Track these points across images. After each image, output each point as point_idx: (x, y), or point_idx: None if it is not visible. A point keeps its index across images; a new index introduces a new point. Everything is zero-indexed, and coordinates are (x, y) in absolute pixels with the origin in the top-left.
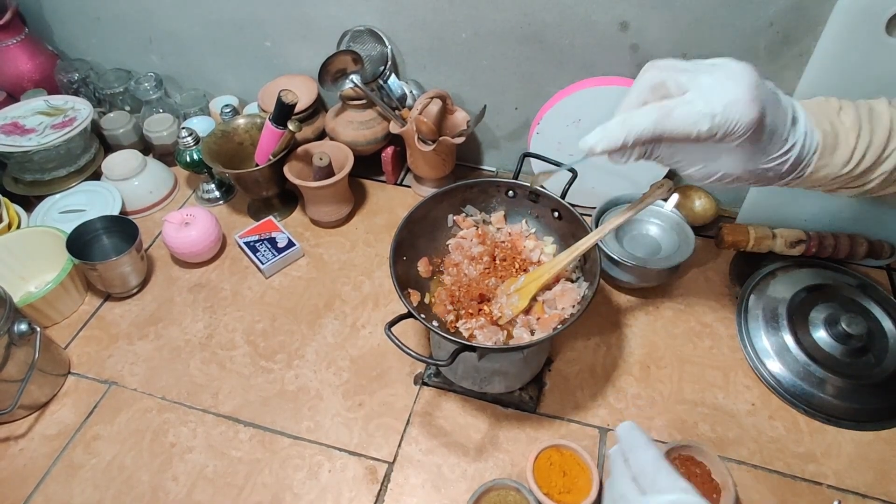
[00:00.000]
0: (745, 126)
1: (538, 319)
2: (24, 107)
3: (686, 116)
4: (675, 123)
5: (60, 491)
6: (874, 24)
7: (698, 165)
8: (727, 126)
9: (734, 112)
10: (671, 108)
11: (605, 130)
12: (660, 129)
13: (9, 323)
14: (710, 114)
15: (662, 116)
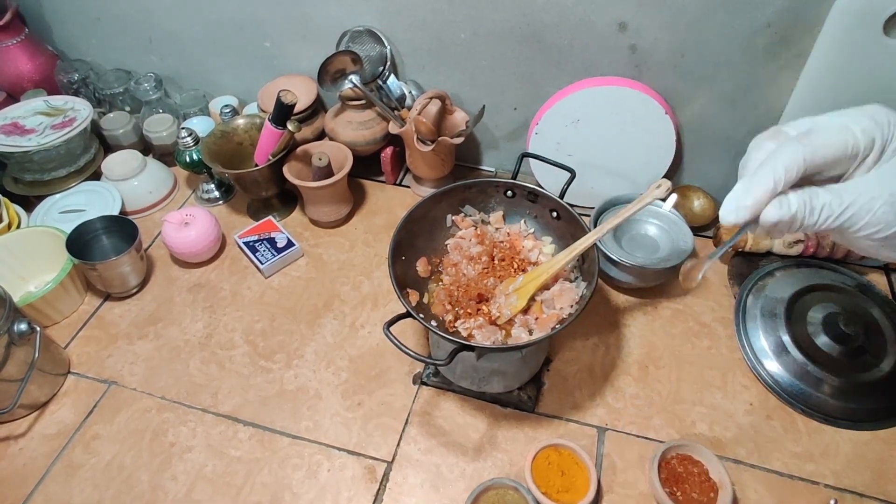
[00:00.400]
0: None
1: (536, 319)
2: (24, 107)
3: (829, 132)
4: (822, 139)
5: (60, 490)
6: (871, 25)
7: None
8: (881, 124)
9: (878, 112)
10: (809, 130)
11: (746, 186)
12: (810, 156)
13: (9, 322)
14: (853, 121)
15: (805, 138)
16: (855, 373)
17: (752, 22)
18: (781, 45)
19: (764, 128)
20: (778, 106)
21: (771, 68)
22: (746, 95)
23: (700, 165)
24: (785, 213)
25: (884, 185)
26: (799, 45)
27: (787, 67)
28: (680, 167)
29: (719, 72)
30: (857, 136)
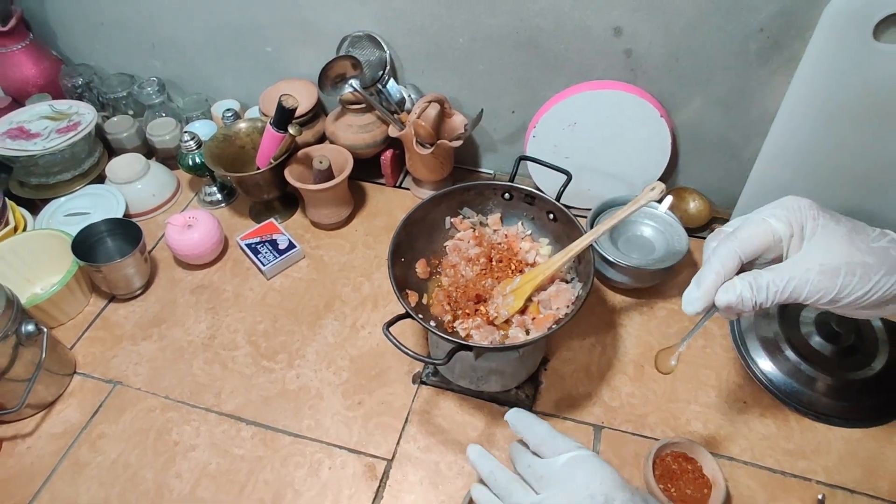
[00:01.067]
0: None
1: (533, 319)
2: (30, 111)
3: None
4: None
5: (67, 488)
6: (862, 30)
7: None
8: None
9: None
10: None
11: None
12: (740, 247)
13: (16, 324)
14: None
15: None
16: (847, 371)
17: (744, 27)
18: (774, 50)
19: (758, 130)
20: (771, 109)
21: (764, 72)
22: (740, 99)
23: (695, 167)
24: (732, 294)
25: (812, 258)
26: (791, 50)
27: (779, 71)
28: (675, 169)
29: (713, 76)
30: (773, 224)
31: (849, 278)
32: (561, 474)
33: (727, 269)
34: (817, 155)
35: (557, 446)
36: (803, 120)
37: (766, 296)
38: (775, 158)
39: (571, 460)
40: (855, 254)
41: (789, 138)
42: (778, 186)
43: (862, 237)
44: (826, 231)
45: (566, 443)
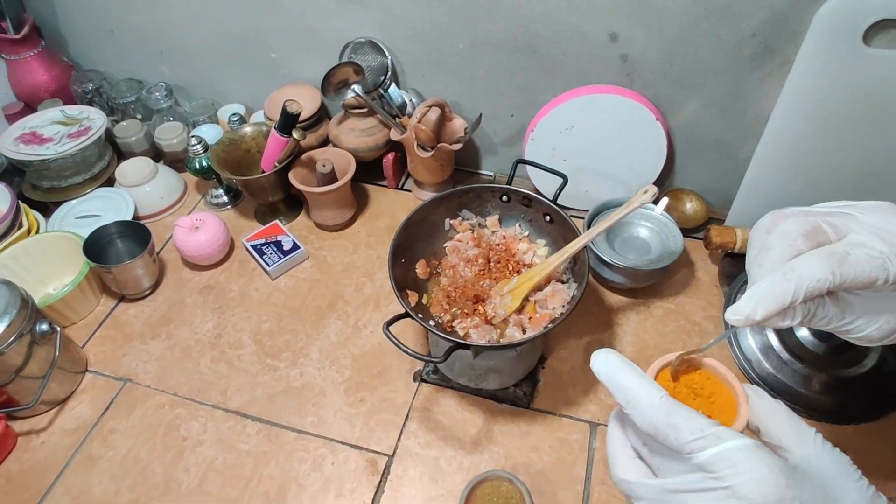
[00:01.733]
0: None
1: (530, 319)
2: (42, 117)
3: (868, 259)
4: (856, 269)
5: (80, 481)
6: (852, 35)
7: (879, 322)
8: None
9: None
10: (845, 252)
11: (765, 291)
12: (839, 277)
13: (31, 323)
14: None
15: (838, 262)
16: (839, 369)
17: (737, 32)
18: (766, 54)
19: (752, 132)
20: (765, 111)
21: (757, 76)
22: (734, 102)
23: (691, 169)
24: (787, 322)
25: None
26: (783, 54)
27: (772, 75)
28: (672, 171)
29: (708, 80)
30: (891, 269)
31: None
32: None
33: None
34: (810, 156)
35: (681, 433)
36: (796, 122)
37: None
38: (770, 159)
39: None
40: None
41: (783, 140)
42: (773, 187)
43: None
44: None
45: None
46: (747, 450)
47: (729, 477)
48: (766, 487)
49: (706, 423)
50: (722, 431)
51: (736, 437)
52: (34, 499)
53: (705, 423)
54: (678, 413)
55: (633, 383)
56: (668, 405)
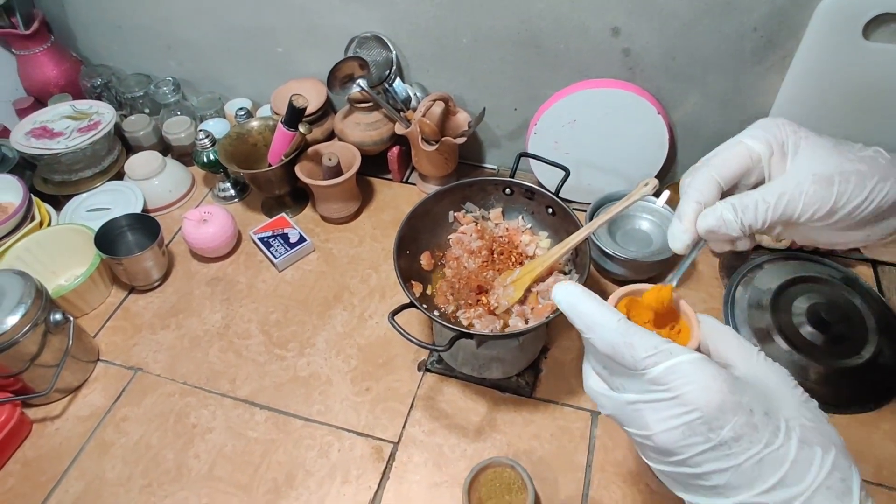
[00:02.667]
0: None
1: (532, 309)
2: (52, 111)
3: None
4: (721, 159)
5: (94, 466)
6: (852, 29)
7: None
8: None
9: (763, 121)
10: (710, 156)
11: (676, 216)
12: (717, 172)
13: (45, 313)
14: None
15: (710, 166)
16: (836, 360)
17: (739, 26)
18: (767, 48)
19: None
20: (765, 105)
21: (758, 70)
22: (735, 95)
23: (693, 162)
24: (712, 218)
25: (802, 170)
26: (784, 48)
27: (773, 69)
28: (673, 164)
29: (709, 74)
30: (750, 144)
31: (844, 186)
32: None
33: (706, 196)
34: None
35: (636, 350)
36: (797, 115)
37: (755, 215)
38: None
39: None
40: (845, 162)
41: None
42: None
43: (848, 147)
44: (811, 142)
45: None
46: (695, 362)
47: (678, 387)
48: (710, 394)
49: (659, 341)
50: (673, 348)
51: (685, 353)
52: (50, 483)
53: (658, 341)
54: (634, 333)
55: (592, 309)
56: (624, 327)
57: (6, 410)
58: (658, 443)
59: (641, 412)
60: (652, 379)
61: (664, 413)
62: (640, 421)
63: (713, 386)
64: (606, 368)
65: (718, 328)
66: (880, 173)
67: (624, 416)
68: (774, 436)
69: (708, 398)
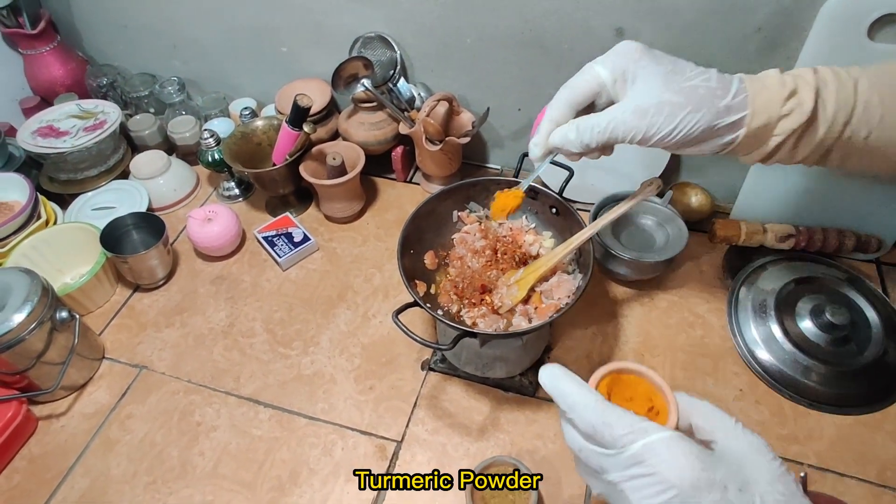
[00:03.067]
0: None
1: (536, 309)
2: (58, 110)
3: (580, 74)
4: (574, 82)
5: (98, 463)
6: (856, 29)
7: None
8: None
9: (623, 45)
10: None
11: (536, 131)
12: (569, 94)
13: (51, 310)
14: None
15: (563, 87)
16: (840, 360)
17: (743, 26)
18: (772, 49)
19: None
20: None
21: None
22: None
23: (696, 163)
24: (558, 136)
25: (630, 100)
26: (788, 49)
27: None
28: (677, 165)
29: None
30: (598, 70)
31: (657, 118)
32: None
33: (559, 114)
34: None
35: (614, 429)
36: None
37: (591, 136)
38: None
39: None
40: (665, 94)
41: None
42: (776, 179)
43: (679, 77)
44: (645, 73)
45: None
46: (667, 440)
47: (654, 465)
48: (683, 471)
49: (635, 420)
50: (649, 426)
51: (660, 430)
52: (55, 480)
53: (634, 420)
54: (611, 413)
55: (572, 390)
56: (602, 407)
57: (12, 407)
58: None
59: (624, 492)
60: (630, 456)
61: (644, 491)
62: (625, 501)
63: (685, 463)
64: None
65: (696, 403)
66: (694, 104)
67: (611, 496)
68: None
69: (681, 476)
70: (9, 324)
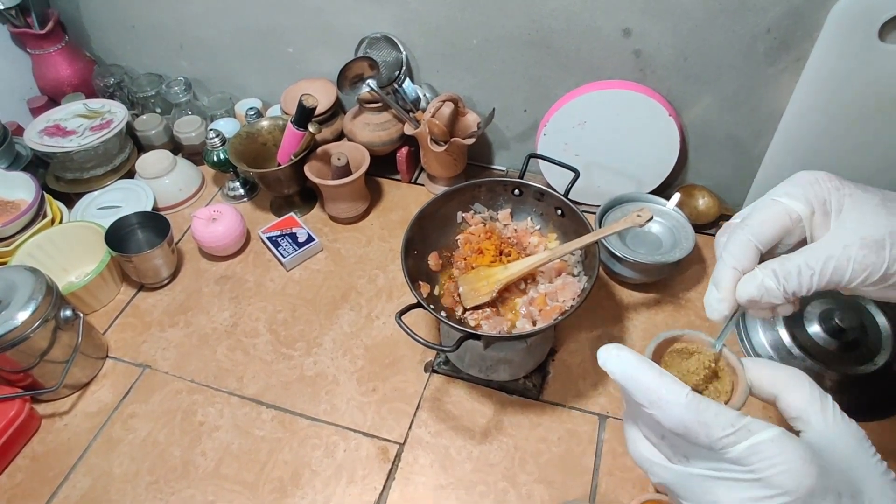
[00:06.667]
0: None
1: (540, 311)
2: (65, 110)
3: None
4: (759, 219)
5: (101, 462)
6: (867, 30)
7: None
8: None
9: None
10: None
11: (713, 283)
12: (754, 235)
13: (56, 309)
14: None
15: (745, 226)
16: (850, 366)
17: (752, 27)
18: (781, 50)
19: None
20: (779, 107)
21: (772, 71)
22: (748, 97)
23: (704, 165)
24: (752, 286)
25: (849, 233)
26: (798, 50)
27: (787, 71)
28: (685, 167)
29: (722, 75)
30: (788, 204)
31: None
32: None
33: (744, 262)
34: (825, 152)
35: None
36: (811, 118)
37: (800, 282)
38: (783, 156)
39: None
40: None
41: (797, 136)
42: None
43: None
44: (856, 200)
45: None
46: (779, 441)
47: (762, 469)
48: (801, 479)
49: (735, 417)
50: (752, 424)
51: (766, 429)
52: (57, 478)
53: (734, 417)
54: (706, 410)
55: (655, 383)
56: (696, 403)
57: (16, 406)
58: None
59: (711, 489)
60: (731, 459)
61: (742, 493)
62: (709, 496)
63: (804, 471)
64: (665, 439)
65: (788, 373)
66: None
67: (685, 489)
68: None
69: (798, 483)
70: (13, 322)
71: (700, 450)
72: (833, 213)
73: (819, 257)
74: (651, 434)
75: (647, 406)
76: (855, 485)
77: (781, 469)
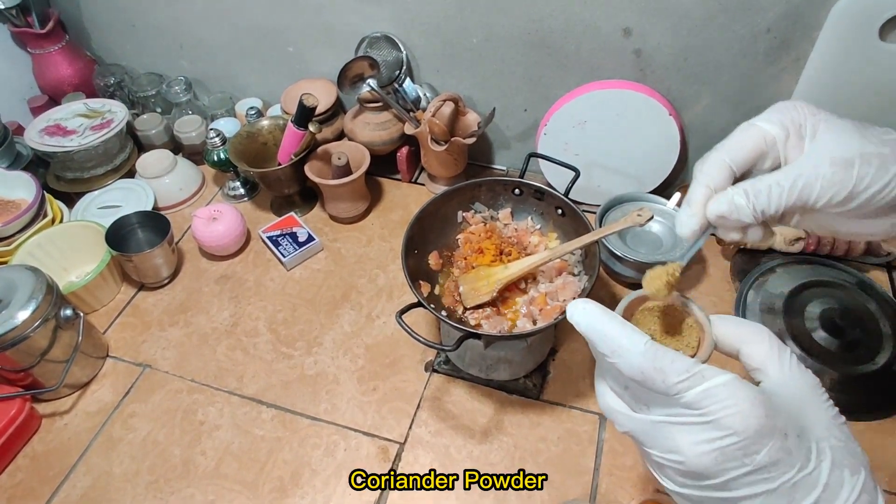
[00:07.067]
0: None
1: (541, 310)
2: (66, 109)
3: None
4: (734, 141)
5: (101, 461)
6: (867, 30)
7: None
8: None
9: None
10: (723, 140)
11: (686, 202)
12: (728, 156)
13: (56, 308)
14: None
15: (721, 149)
16: (851, 366)
17: (752, 27)
18: (781, 49)
19: None
20: None
21: (772, 71)
22: (748, 97)
23: None
24: (723, 203)
25: (821, 153)
26: (798, 49)
27: (787, 70)
28: (685, 166)
29: (721, 75)
30: (764, 126)
31: (865, 169)
32: None
33: (717, 181)
34: None
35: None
36: None
37: (769, 200)
38: None
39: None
40: (868, 145)
41: None
42: None
43: (871, 131)
44: (831, 125)
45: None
46: (729, 385)
47: (714, 411)
48: (748, 419)
49: (690, 364)
50: (705, 370)
51: (718, 375)
52: (58, 478)
53: (689, 364)
54: (663, 357)
55: (616, 332)
56: (653, 351)
57: (16, 405)
58: (691, 466)
59: (670, 434)
60: (685, 403)
61: (697, 436)
62: (669, 443)
63: (751, 411)
64: (628, 389)
65: (751, 328)
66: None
67: (647, 436)
68: (807, 459)
69: (746, 423)
70: (13, 321)
71: (658, 396)
72: (808, 136)
73: (789, 175)
74: (615, 384)
75: (609, 355)
76: (803, 425)
77: (731, 411)
